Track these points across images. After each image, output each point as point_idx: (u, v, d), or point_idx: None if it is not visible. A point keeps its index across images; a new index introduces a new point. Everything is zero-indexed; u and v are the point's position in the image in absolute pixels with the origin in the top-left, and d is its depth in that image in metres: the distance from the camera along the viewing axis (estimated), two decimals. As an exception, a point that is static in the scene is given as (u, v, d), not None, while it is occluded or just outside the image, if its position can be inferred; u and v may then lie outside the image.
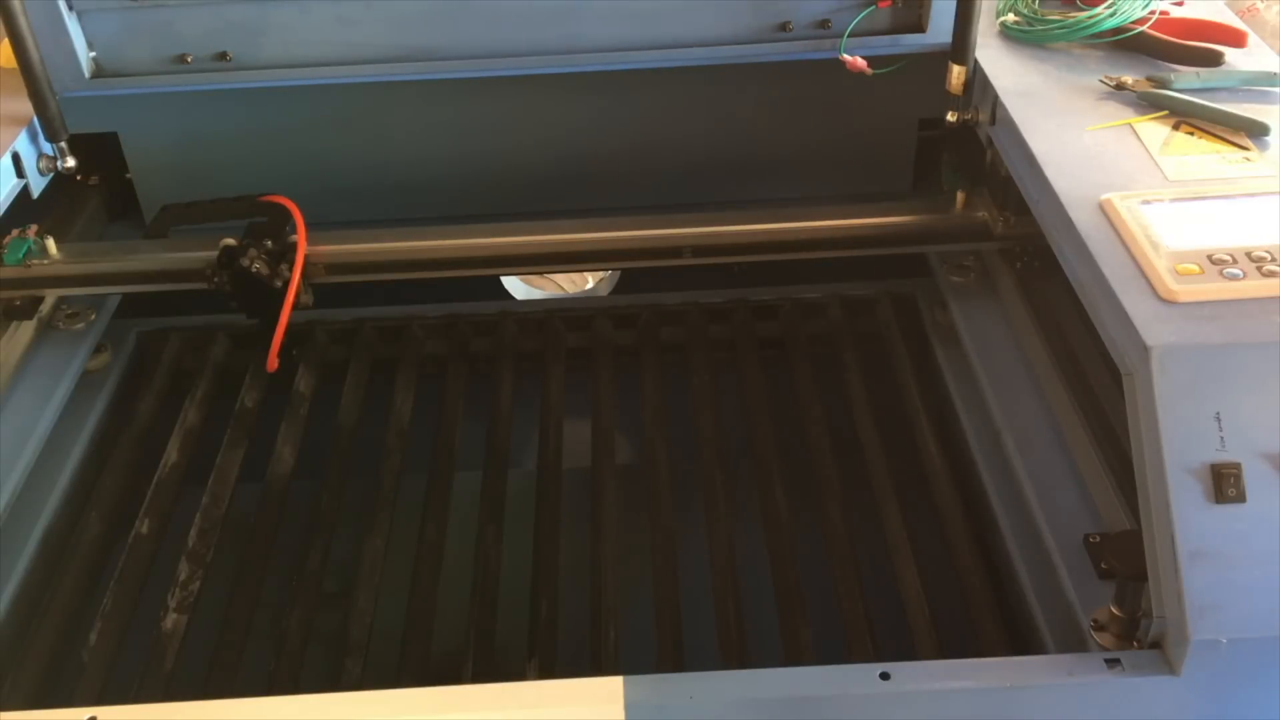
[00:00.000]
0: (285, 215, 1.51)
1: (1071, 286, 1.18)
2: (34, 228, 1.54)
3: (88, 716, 1.00)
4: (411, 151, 1.71)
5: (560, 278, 2.42)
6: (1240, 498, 0.97)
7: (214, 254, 1.50)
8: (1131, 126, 1.32)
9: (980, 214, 1.53)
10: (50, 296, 1.60)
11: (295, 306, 1.47)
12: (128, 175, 1.72)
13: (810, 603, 1.30)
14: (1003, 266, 1.59)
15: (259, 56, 1.57)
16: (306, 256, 1.49)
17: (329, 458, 1.52)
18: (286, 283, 1.47)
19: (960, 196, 1.54)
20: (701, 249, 1.54)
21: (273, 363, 1.48)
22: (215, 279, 1.49)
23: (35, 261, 1.52)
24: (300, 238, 1.49)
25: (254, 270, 1.46)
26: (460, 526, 1.44)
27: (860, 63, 1.53)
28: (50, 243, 1.54)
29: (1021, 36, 1.51)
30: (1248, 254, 1.08)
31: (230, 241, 1.49)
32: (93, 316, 1.62)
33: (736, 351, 1.66)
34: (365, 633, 1.31)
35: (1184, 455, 0.98)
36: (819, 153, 1.74)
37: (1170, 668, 0.99)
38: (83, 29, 1.55)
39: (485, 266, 1.61)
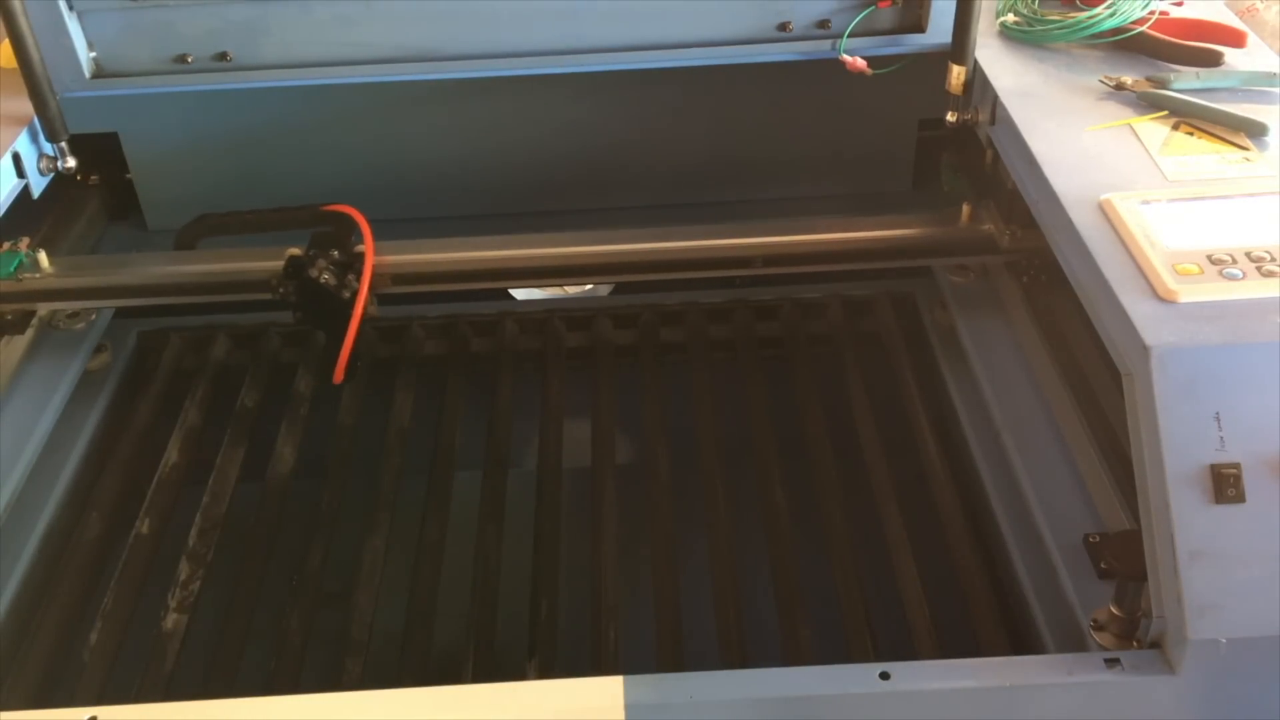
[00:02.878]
0: (350, 225, 1.48)
1: (1074, 291, 1.17)
2: (25, 240, 1.52)
3: (88, 716, 1.00)
4: (411, 152, 1.72)
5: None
6: (1240, 498, 0.97)
7: (213, 267, 1.50)
8: (1131, 126, 1.32)
9: (987, 227, 1.51)
10: (43, 309, 1.59)
11: (362, 317, 1.44)
12: (128, 175, 1.72)
13: (810, 603, 1.30)
14: (1003, 270, 1.59)
15: (259, 56, 1.57)
16: (374, 267, 1.46)
17: (329, 458, 1.52)
18: (354, 294, 1.44)
19: (966, 209, 1.52)
20: (771, 258, 1.52)
21: (340, 374, 1.44)
22: (280, 290, 1.46)
23: (27, 275, 1.50)
24: (368, 248, 1.46)
25: (323, 281, 1.43)
26: (460, 526, 1.44)
27: (860, 63, 1.53)
28: (42, 255, 1.51)
29: (1021, 36, 1.51)
30: (1247, 254, 1.08)
31: (295, 251, 1.46)
32: (93, 317, 1.62)
33: (736, 351, 1.66)
34: (365, 633, 1.31)
35: (1184, 455, 0.98)
36: (819, 153, 1.74)
37: (1170, 667, 0.99)
38: (83, 29, 1.55)
39: (555, 276, 1.59)
